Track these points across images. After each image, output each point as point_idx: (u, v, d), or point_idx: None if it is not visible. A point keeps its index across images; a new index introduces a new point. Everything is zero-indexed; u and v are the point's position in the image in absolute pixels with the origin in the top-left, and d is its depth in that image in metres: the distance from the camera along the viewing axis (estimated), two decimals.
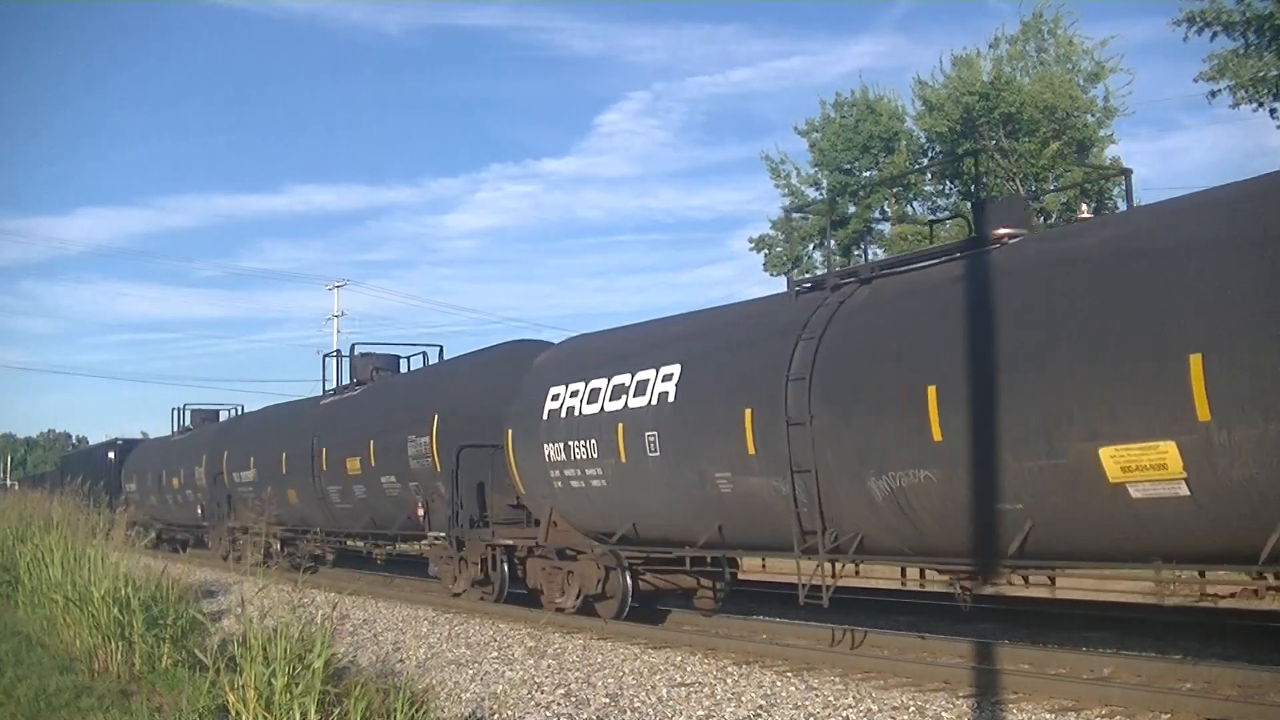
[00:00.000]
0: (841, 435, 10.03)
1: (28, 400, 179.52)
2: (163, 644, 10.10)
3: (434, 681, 9.39)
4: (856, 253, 35.32)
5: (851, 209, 35.22)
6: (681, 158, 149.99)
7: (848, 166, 35.28)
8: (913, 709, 8.17)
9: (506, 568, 15.63)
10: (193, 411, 34.87)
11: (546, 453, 13.97)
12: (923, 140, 34.59)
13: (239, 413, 33.39)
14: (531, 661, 10.95)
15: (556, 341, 17.17)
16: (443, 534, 16.75)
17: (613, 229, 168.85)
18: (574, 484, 13.57)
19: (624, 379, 12.97)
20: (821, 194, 36.02)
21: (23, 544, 16.29)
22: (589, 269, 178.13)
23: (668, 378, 12.35)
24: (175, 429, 35.37)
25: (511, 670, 10.41)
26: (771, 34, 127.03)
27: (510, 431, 14.80)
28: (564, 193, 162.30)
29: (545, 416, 14.05)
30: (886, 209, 35.97)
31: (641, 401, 12.57)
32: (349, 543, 22.62)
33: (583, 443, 13.29)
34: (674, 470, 12.08)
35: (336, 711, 6.56)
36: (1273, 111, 24.60)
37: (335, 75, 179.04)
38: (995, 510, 8.76)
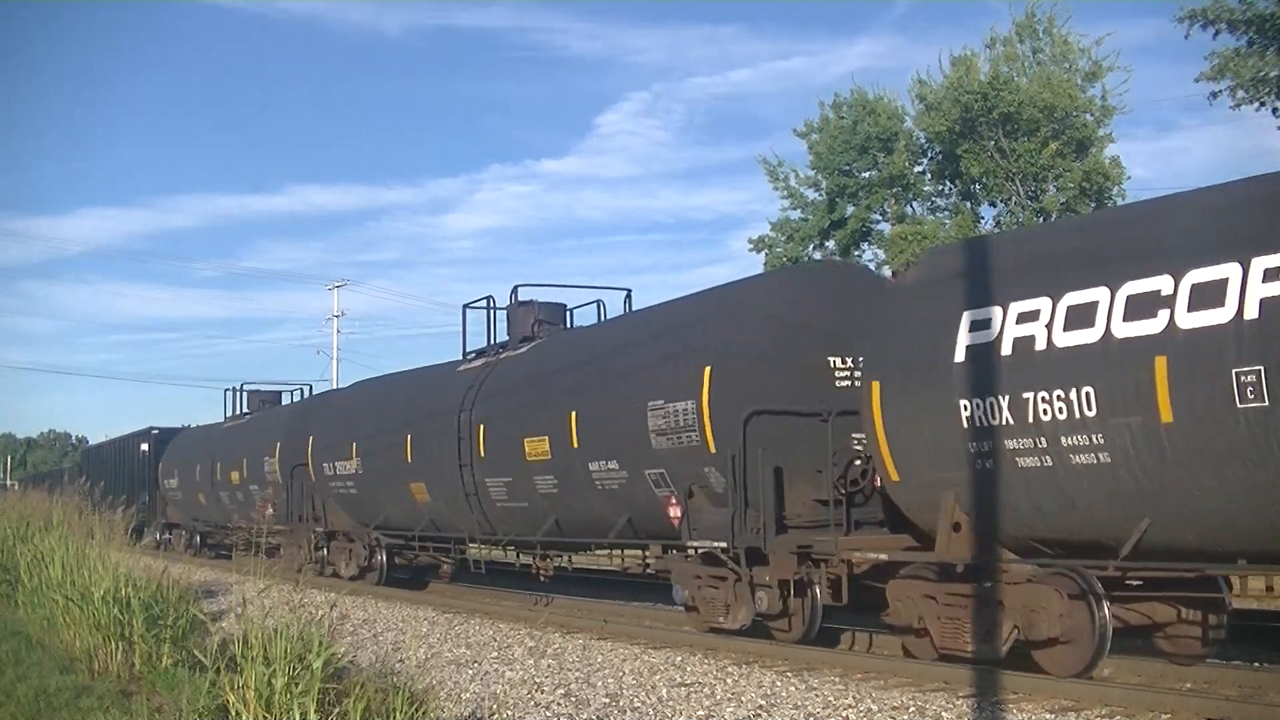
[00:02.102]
0: None
1: (28, 400, 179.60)
2: (163, 644, 10.10)
3: (434, 681, 9.38)
4: (856, 253, 35.34)
5: (851, 210, 35.22)
6: (681, 158, 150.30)
7: (846, 167, 35.27)
8: (913, 709, 8.17)
9: (827, 594, 10.87)
10: (250, 393, 30.29)
11: (967, 413, 9.14)
12: (921, 140, 34.58)
13: (304, 394, 29.00)
14: (531, 661, 10.96)
15: None
16: (717, 541, 11.41)
17: (613, 229, 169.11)
18: (1024, 461, 8.84)
19: (1162, 281, 8.01)
20: (820, 195, 36.03)
21: (23, 544, 16.27)
22: (589, 269, 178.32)
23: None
24: (229, 414, 30.69)
25: (511, 670, 10.42)
26: (771, 34, 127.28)
27: (878, 385, 10.02)
28: (564, 193, 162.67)
29: (963, 356, 9.26)
30: (886, 209, 35.96)
31: (1215, 316, 7.65)
32: (510, 552, 17.05)
33: (1064, 394, 8.48)
34: None
35: (336, 711, 6.56)
36: (1274, 111, 24.60)
37: (335, 75, 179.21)
38: None
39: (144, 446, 35.46)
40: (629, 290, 16.96)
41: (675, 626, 12.79)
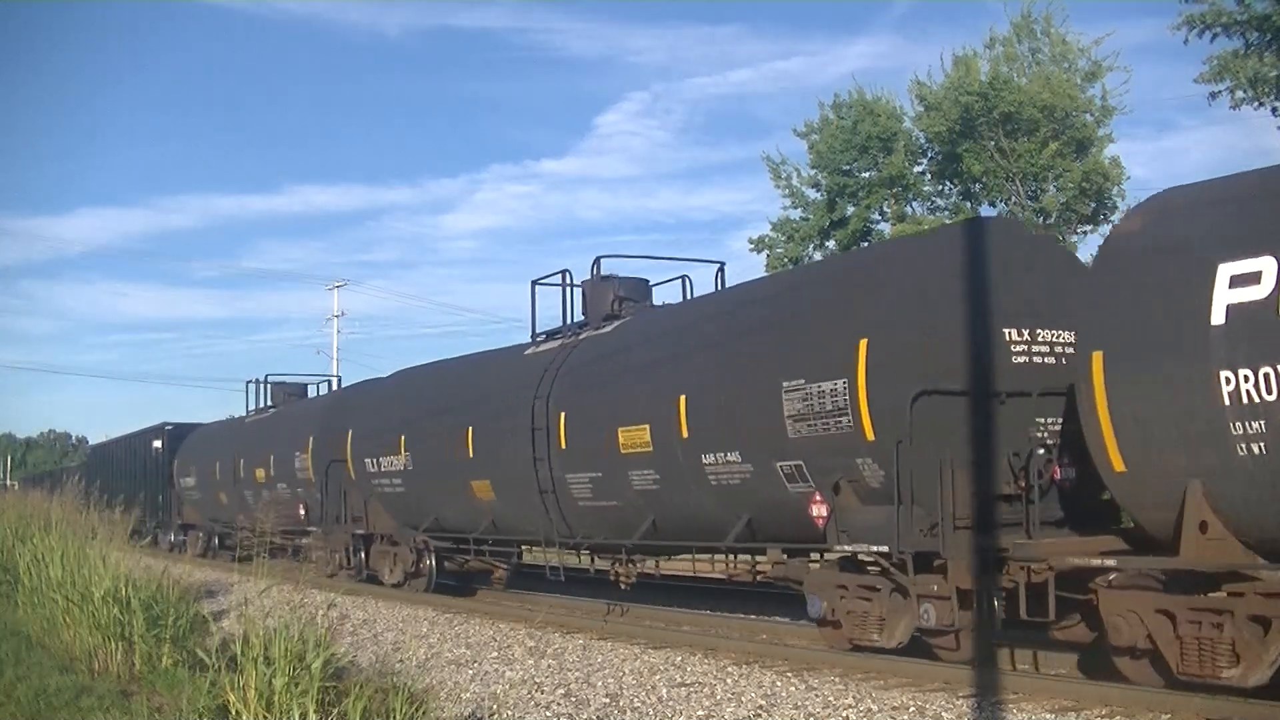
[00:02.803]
0: None
1: (28, 400, 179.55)
2: (163, 644, 10.11)
3: (434, 681, 9.40)
4: None
5: (851, 209, 35.22)
6: (681, 158, 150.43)
7: (846, 167, 35.28)
8: (913, 709, 8.17)
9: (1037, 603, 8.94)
10: (274, 385, 28.06)
11: (1229, 387, 7.56)
12: (921, 140, 34.59)
13: (330, 386, 27.37)
14: (531, 661, 10.95)
15: None
16: (875, 545, 9.75)
17: (613, 229, 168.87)
18: None
19: None
20: (820, 195, 36.02)
21: (22, 544, 16.26)
22: (589, 269, 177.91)
23: None
24: (252, 408, 28.32)
25: (511, 670, 10.42)
26: (770, 35, 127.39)
27: (1100, 357, 8.34)
28: (564, 193, 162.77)
29: (1222, 317, 7.66)
30: (886, 209, 35.96)
31: None
32: (584, 557, 15.46)
33: None
34: None
35: (336, 711, 6.56)
36: (1274, 111, 24.60)
37: (334, 76, 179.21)
38: None
39: (157, 443, 33.36)
40: (722, 264, 14.96)
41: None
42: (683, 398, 11.88)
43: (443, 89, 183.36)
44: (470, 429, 15.80)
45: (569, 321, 15.33)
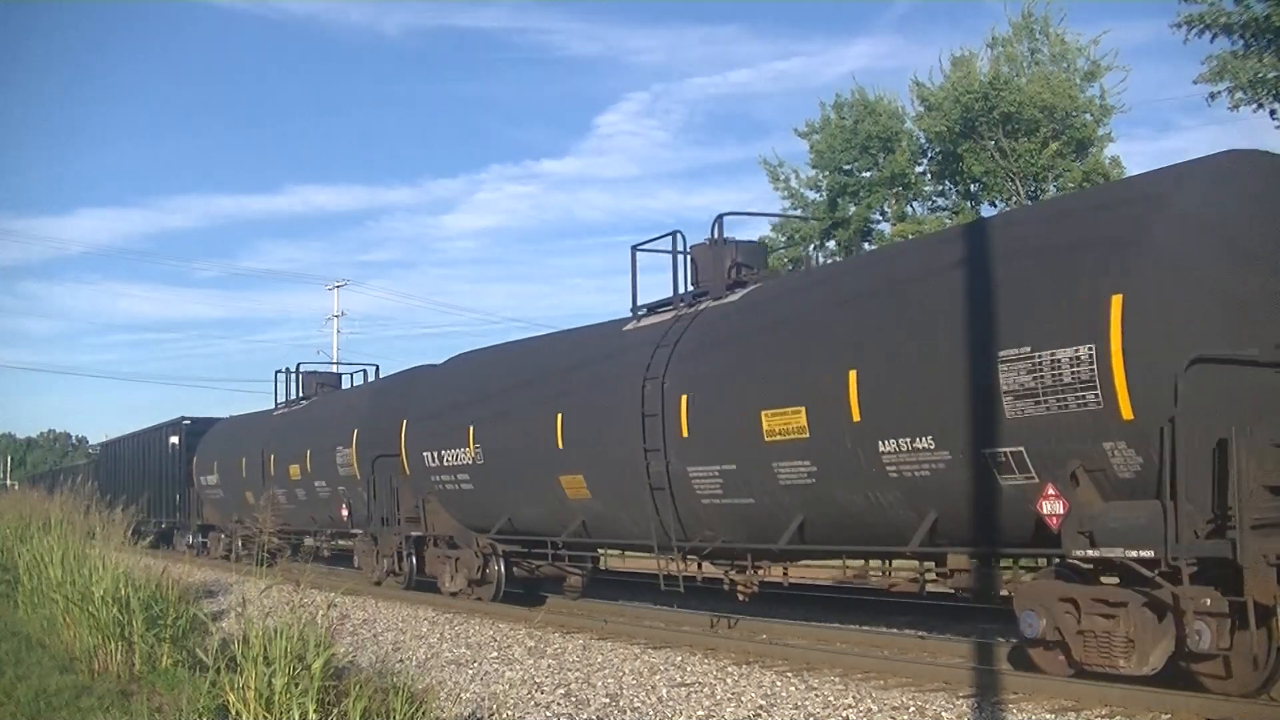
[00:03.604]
0: None
1: (28, 400, 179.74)
2: (163, 644, 10.12)
3: (434, 681, 9.40)
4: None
5: (852, 209, 35.25)
6: (681, 158, 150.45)
7: (847, 167, 35.32)
8: (913, 709, 8.16)
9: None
10: (305, 375, 25.88)
11: None
12: (922, 140, 34.63)
13: (367, 376, 24.71)
14: (531, 661, 10.95)
15: None
16: (1136, 550, 7.91)
17: (612, 229, 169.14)
18: None
19: None
20: (821, 196, 36.06)
21: (22, 544, 16.26)
22: (589, 269, 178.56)
23: None
24: (281, 400, 26.10)
25: (511, 670, 10.41)
26: (770, 35, 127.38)
27: None
28: (564, 193, 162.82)
29: None
30: (886, 209, 36.00)
31: None
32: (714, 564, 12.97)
33: None
34: None
35: (336, 711, 6.56)
36: (1272, 112, 24.62)
37: (335, 76, 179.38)
38: None
39: (174, 439, 31.31)
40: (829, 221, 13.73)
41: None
42: (853, 374, 9.86)
43: (443, 89, 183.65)
44: (560, 416, 13.68)
45: (681, 291, 13.23)
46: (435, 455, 16.50)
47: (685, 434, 11.81)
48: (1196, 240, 8.08)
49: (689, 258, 13.43)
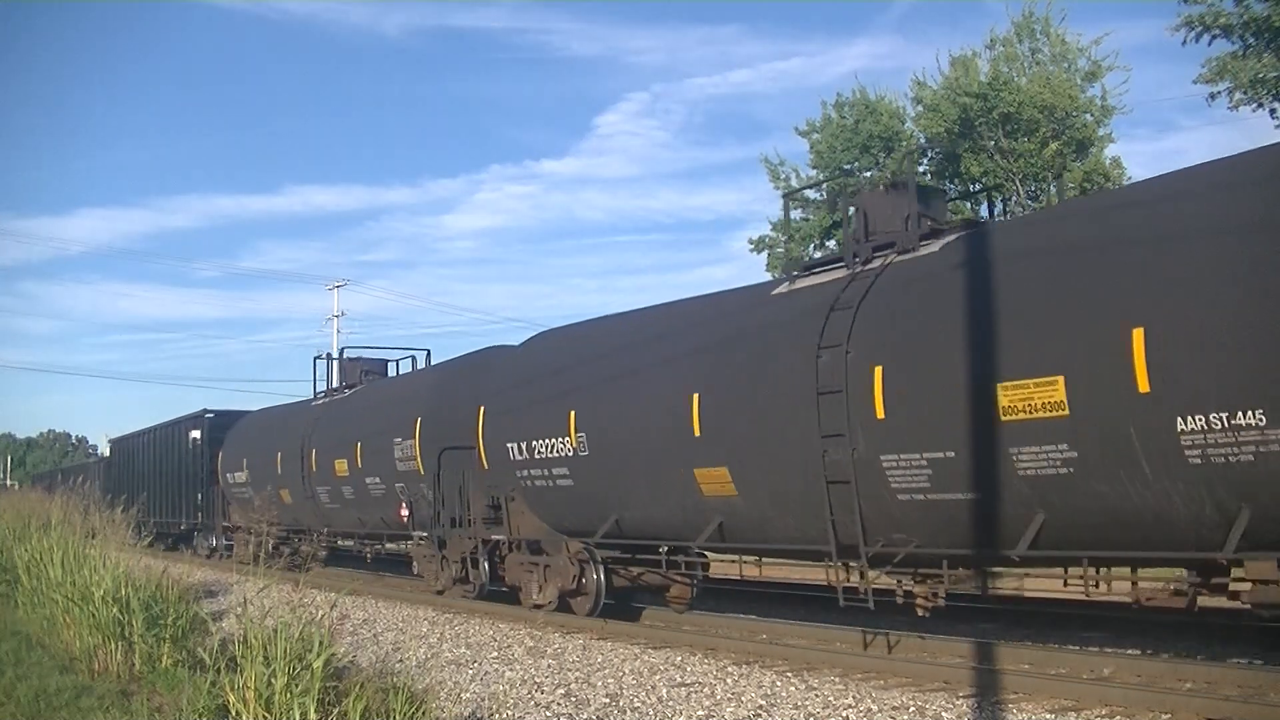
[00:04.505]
0: None
1: (28, 400, 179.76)
2: (163, 644, 10.11)
3: (434, 681, 9.39)
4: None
5: (852, 210, 35.26)
6: (680, 158, 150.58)
7: (848, 167, 35.31)
8: (913, 709, 8.16)
9: None
10: (349, 362, 23.24)
11: None
12: (922, 140, 34.63)
13: (418, 362, 21.99)
14: (531, 661, 10.95)
15: None
16: None
17: (612, 229, 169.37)
18: None
19: None
20: (821, 195, 36.04)
21: (21, 544, 16.25)
22: (589, 269, 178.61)
23: None
24: (322, 390, 23.58)
25: (511, 670, 10.41)
26: (770, 35, 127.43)
27: None
28: (563, 193, 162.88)
29: None
30: None
31: None
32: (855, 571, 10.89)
33: None
34: None
35: (336, 711, 6.56)
36: (1272, 112, 24.64)
37: (335, 76, 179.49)
38: None
39: (195, 434, 28.92)
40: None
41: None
42: (1138, 333, 7.87)
43: (443, 89, 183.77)
44: (696, 398, 11.61)
45: (861, 241, 11.21)
46: (522, 447, 14.36)
47: (881, 414, 9.68)
48: None
49: (858, 208, 11.57)
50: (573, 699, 9.04)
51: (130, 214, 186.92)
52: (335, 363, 23.61)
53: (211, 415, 28.82)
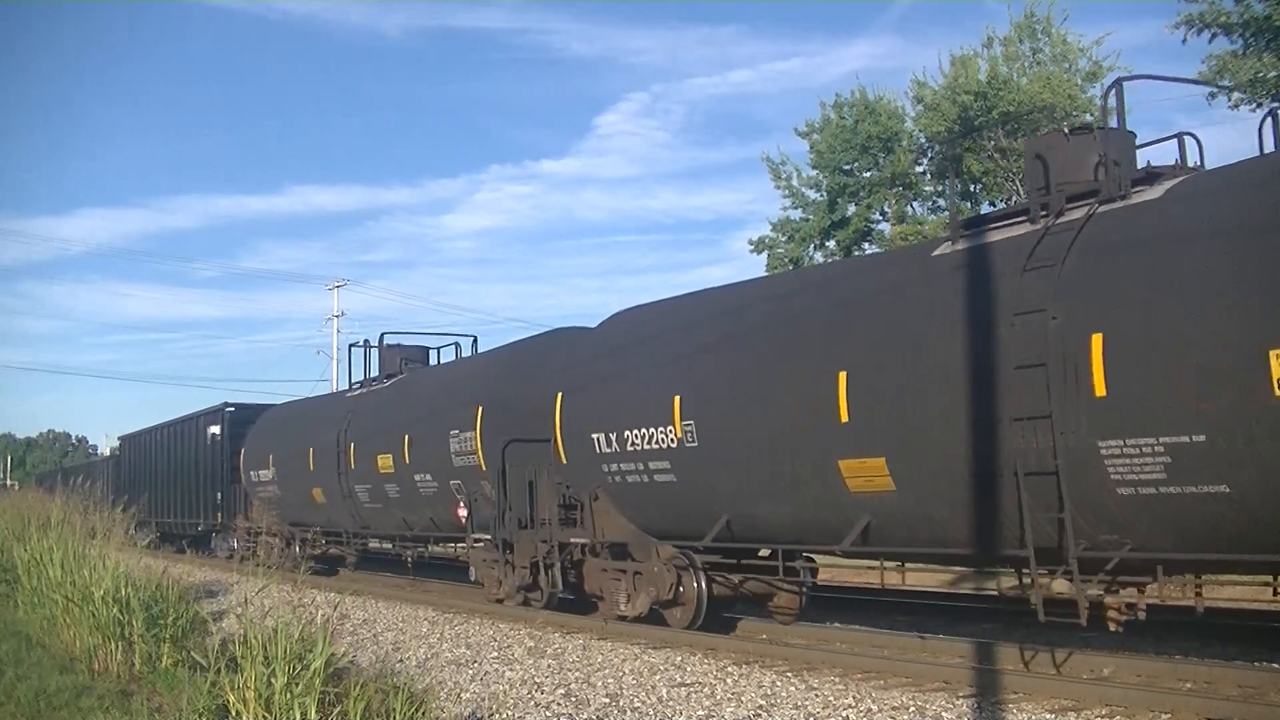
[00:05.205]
0: None
1: (28, 400, 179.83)
2: (163, 644, 10.12)
3: (434, 681, 9.39)
4: (857, 254, 35.37)
5: (852, 209, 35.27)
6: (680, 159, 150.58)
7: (847, 167, 35.34)
8: (913, 709, 8.16)
9: None
10: (389, 349, 21.13)
11: None
12: (922, 140, 34.66)
13: (461, 350, 20.28)
14: (531, 661, 10.94)
15: None
16: None
17: (612, 229, 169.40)
18: None
19: None
20: (822, 195, 36.07)
21: (21, 544, 16.25)
22: (588, 269, 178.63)
23: None
24: (359, 379, 21.52)
25: (511, 670, 10.41)
26: (770, 35, 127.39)
27: None
28: (563, 193, 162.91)
29: None
30: (886, 209, 36.03)
31: None
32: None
33: None
34: None
35: (336, 711, 6.56)
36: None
37: (334, 76, 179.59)
38: None
39: (213, 429, 27.33)
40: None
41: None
42: None
43: (443, 89, 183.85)
44: (843, 377, 10.02)
45: (1047, 191, 9.61)
46: (611, 438, 12.71)
47: (1101, 391, 8.12)
48: None
49: (1033, 155, 10.03)
50: (573, 699, 9.03)
51: (130, 214, 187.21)
52: (374, 350, 21.35)
53: (232, 409, 27.44)
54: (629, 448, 12.53)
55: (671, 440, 11.92)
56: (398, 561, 20.68)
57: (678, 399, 11.82)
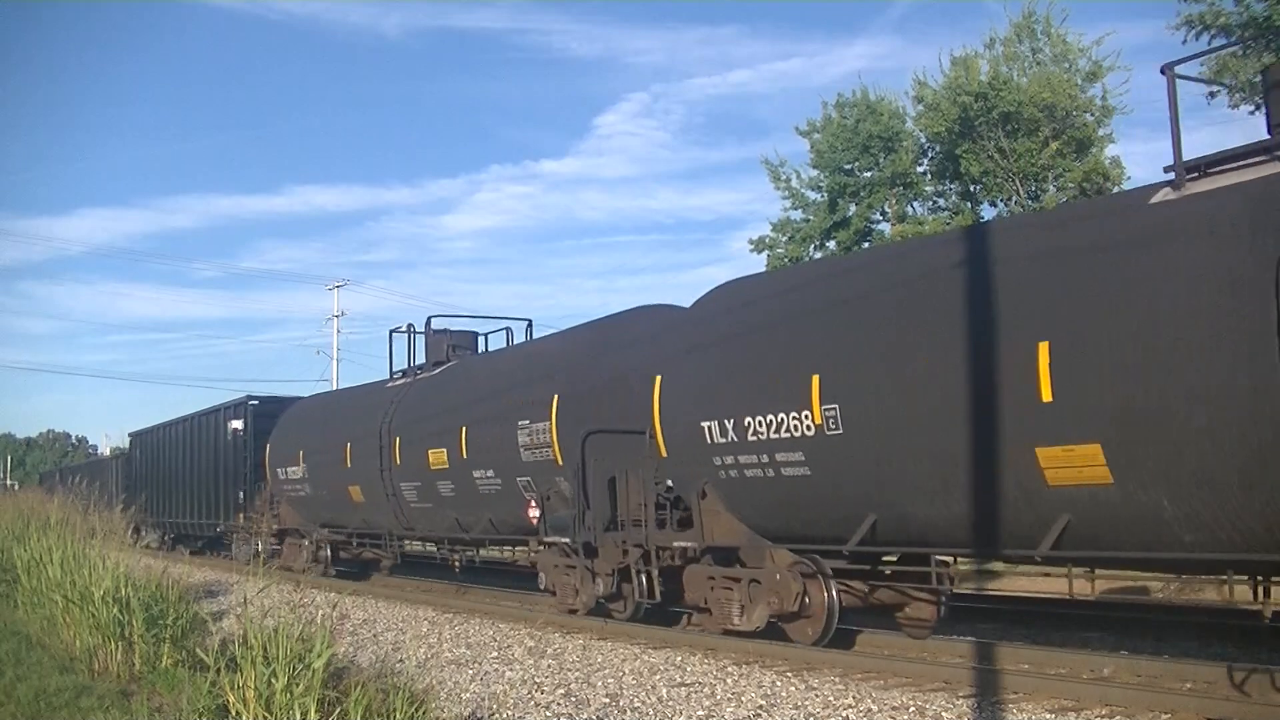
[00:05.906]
0: None
1: (28, 400, 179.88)
2: (163, 644, 10.12)
3: (434, 681, 9.39)
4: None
5: (852, 209, 35.26)
6: (680, 159, 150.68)
7: (848, 167, 35.33)
8: (913, 709, 8.16)
9: None
10: (435, 335, 19.54)
11: None
12: (923, 140, 34.65)
13: (512, 336, 18.83)
14: (531, 661, 10.95)
15: None
16: None
17: (612, 229, 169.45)
18: None
19: None
20: (821, 196, 36.05)
21: (21, 544, 16.25)
22: (588, 269, 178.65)
23: None
24: (401, 368, 20.29)
25: (511, 670, 10.41)
26: (770, 35, 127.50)
27: None
28: (563, 193, 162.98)
29: None
30: (886, 209, 36.01)
31: None
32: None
33: None
34: None
35: (336, 711, 6.56)
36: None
37: (334, 76, 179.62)
38: None
39: (235, 424, 25.78)
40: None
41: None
42: None
43: (443, 89, 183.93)
44: (1046, 349, 8.29)
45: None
46: (726, 426, 11.17)
47: None
48: None
49: (1274, 85, 8.59)
50: (573, 699, 9.04)
51: (130, 214, 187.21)
52: (416, 336, 19.65)
53: (256, 402, 26.00)
54: (750, 437, 10.88)
55: (808, 427, 10.25)
56: (436, 566, 19.44)
57: (816, 379, 10.16)
